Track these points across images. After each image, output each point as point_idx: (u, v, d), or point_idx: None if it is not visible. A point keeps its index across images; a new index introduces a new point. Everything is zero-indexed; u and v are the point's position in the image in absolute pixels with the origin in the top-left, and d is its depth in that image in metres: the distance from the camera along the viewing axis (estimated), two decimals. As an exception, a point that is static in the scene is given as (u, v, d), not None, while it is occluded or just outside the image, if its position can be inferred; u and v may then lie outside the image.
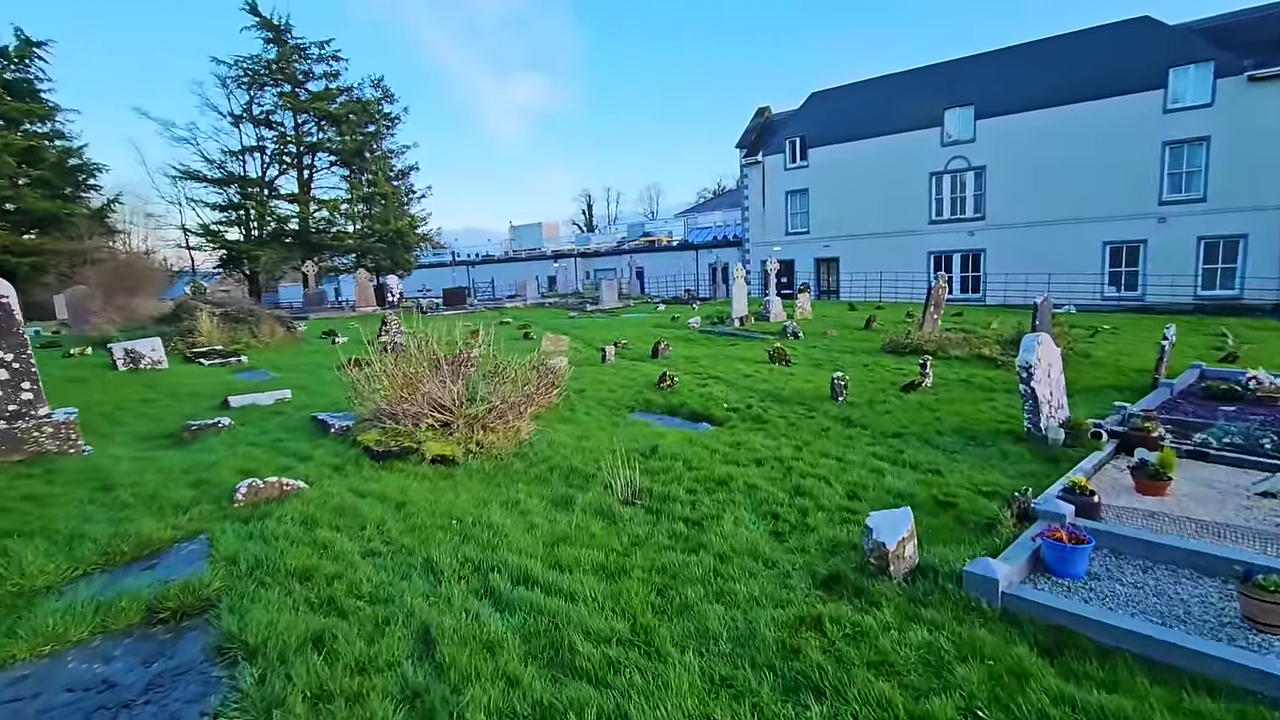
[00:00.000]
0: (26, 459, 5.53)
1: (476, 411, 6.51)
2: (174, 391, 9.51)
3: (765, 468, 5.95)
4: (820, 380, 10.93)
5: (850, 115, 35.14)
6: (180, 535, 3.99)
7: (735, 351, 15.00)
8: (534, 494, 5.21)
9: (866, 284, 33.31)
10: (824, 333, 18.12)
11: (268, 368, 12.59)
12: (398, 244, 38.84)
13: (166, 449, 6.33)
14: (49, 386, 10.24)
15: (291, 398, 8.69)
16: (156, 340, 11.80)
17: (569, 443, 6.65)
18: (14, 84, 30.49)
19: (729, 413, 8.73)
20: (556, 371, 7.15)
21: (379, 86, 39.44)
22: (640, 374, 11.64)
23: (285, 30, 36.12)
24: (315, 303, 31.22)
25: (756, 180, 39.66)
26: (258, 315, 16.40)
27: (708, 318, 21.86)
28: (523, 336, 18.34)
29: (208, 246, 39.01)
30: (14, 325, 5.49)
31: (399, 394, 6.37)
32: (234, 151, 37.14)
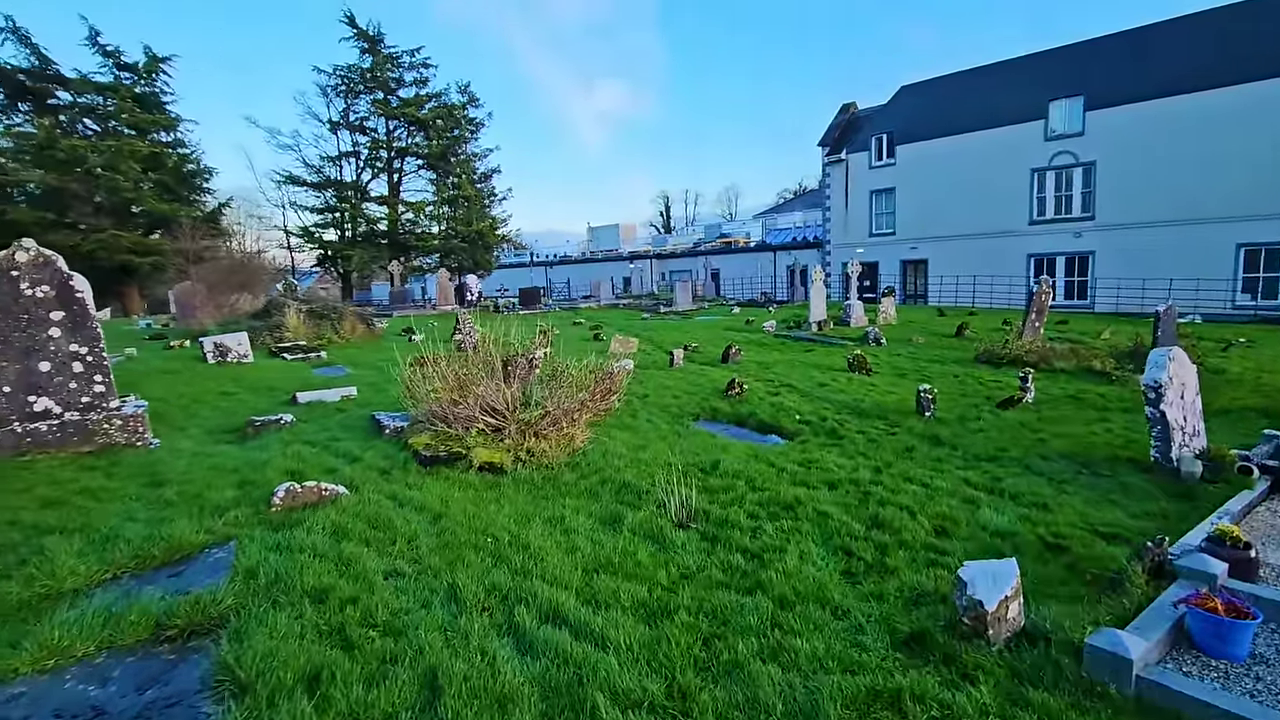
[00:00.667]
0: (96, 450, 5.65)
1: (530, 417, 6.22)
2: (252, 385, 9.78)
3: (839, 492, 5.33)
4: (904, 392, 10.06)
5: (942, 109, 33.19)
6: (211, 541, 3.84)
7: (811, 358, 14.21)
8: (581, 510, 4.82)
9: (958, 288, 31.33)
10: (909, 339, 16.97)
11: (344, 363, 12.89)
12: (478, 244, 39.83)
13: (228, 444, 6.38)
14: (145, 376, 10.85)
15: (356, 395, 8.73)
16: (243, 335, 12.29)
17: (625, 453, 6.24)
18: (143, 96, 33.21)
19: (801, 425, 8.09)
20: (614, 376, 6.77)
21: (465, 92, 40.65)
22: (708, 380, 11.12)
23: (379, 40, 37.73)
24: (400, 301, 32.37)
25: (839, 179, 38.18)
26: (340, 312, 16.97)
27: (784, 322, 21.02)
28: (594, 337, 18.15)
29: (306, 247, 41.34)
30: (88, 320, 5.62)
31: (451, 396, 6.16)
32: (331, 157, 39.17)
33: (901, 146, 34.76)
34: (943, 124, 33.13)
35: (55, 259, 5.42)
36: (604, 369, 6.79)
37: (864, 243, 37.18)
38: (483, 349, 6.99)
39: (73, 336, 5.57)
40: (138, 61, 32.57)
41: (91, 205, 29.85)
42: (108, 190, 29.31)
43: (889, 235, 36.18)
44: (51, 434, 5.48)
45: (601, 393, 6.58)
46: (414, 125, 39.21)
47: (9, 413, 5.39)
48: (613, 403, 6.88)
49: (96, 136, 31.04)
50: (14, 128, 30.24)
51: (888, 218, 36.37)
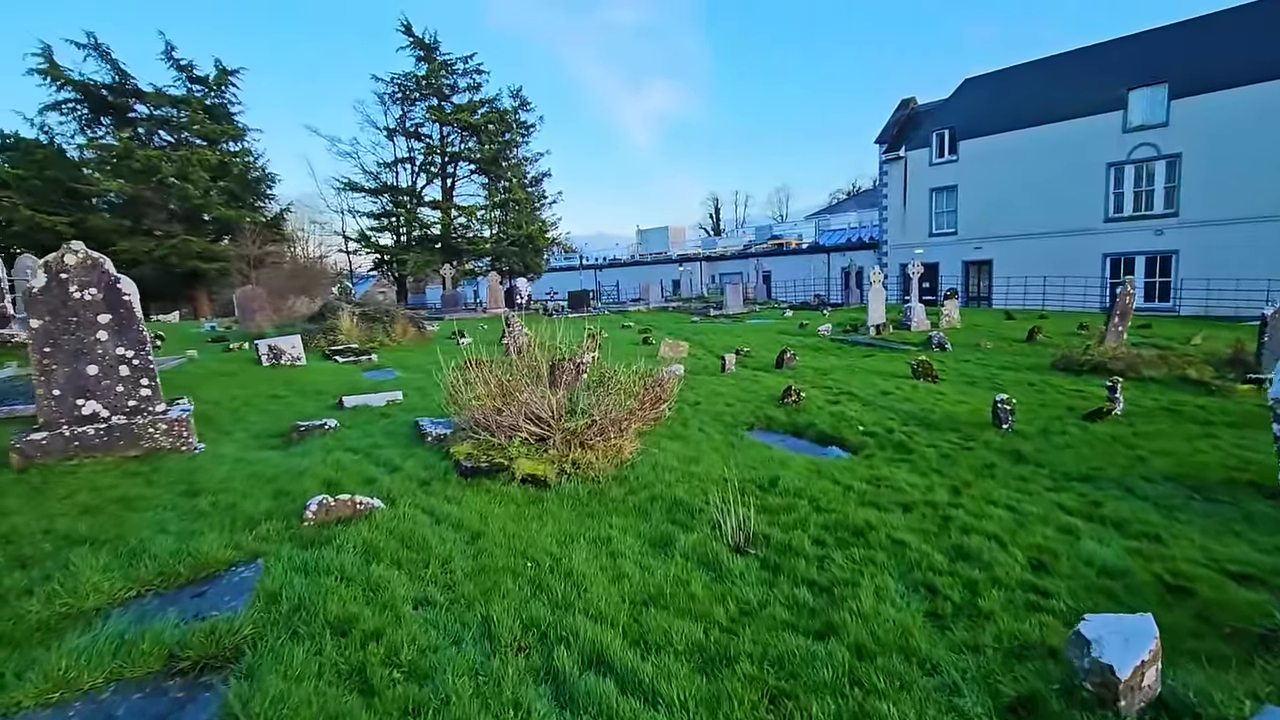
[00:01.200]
0: (141, 454, 5.59)
1: (575, 426, 5.88)
2: (302, 389, 9.80)
3: (914, 515, 4.80)
4: (976, 401, 9.35)
5: (1009, 102, 31.63)
6: (238, 558, 3.63)
7: (871, 364, 13.51)
8: (629, 530, 4.45)
9: (1026, 290, 29.75)
10: (976, 344, 16.03)
11: (394, 366, 12.90)
12: (528, 248, 40.10)
13: (271, 449, 6.27)
14: (202, 379, 11.04)
15: (402, 400, 8.59)
16: (296, 338, 12.42)
17: (676, 466, 5.85)
18: (213, 108, 34.66)
19: (865, 437, 7.53)
20: (665, 384, 6.38)
21: (517, 96, 41.03)
22: (762, 386, 10.61)
23: (434, 48, 38.44)
24: (451, 304, 32.79)
25: (897, 177, 36.89)
26: (392, 315, 17.12)
27: (840, 325, 20.24)
28: (642, 341, 17.82)
29: (363, 251, 42.48)
30: (135, 323, 5.57)
31: (493, 404, 5.88)
32: (387, 163, 40.13)
33: (965, 142, 33.30)
34: (1009, 118, 31.57)
35: (103, 261, 5.38)
36: (654, 375, 6.41)
37: (923, 243, 35.75)
38: (528, 354, 6.71)
39: (119, 339, 5.53)
40: (208, 74, 34.03)
41: (165, 212, 31.28)
42: (179, 198, 30.66)
43: (950, 235, 34.73)
44: (99, 438, 5.45)
45: (651, 401, 6.20)
46: (467, 130, 39.79)
47: (58, 416, 5.37)
48: (663, 411, 6.50)
49: (170, 147, 32.54)
50: (96, 140, 31.98)
51: (949, 216, 34.92)
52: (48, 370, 5.31)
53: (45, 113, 30.88)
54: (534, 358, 6.83)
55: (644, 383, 6.31)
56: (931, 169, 35.03)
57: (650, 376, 6.38)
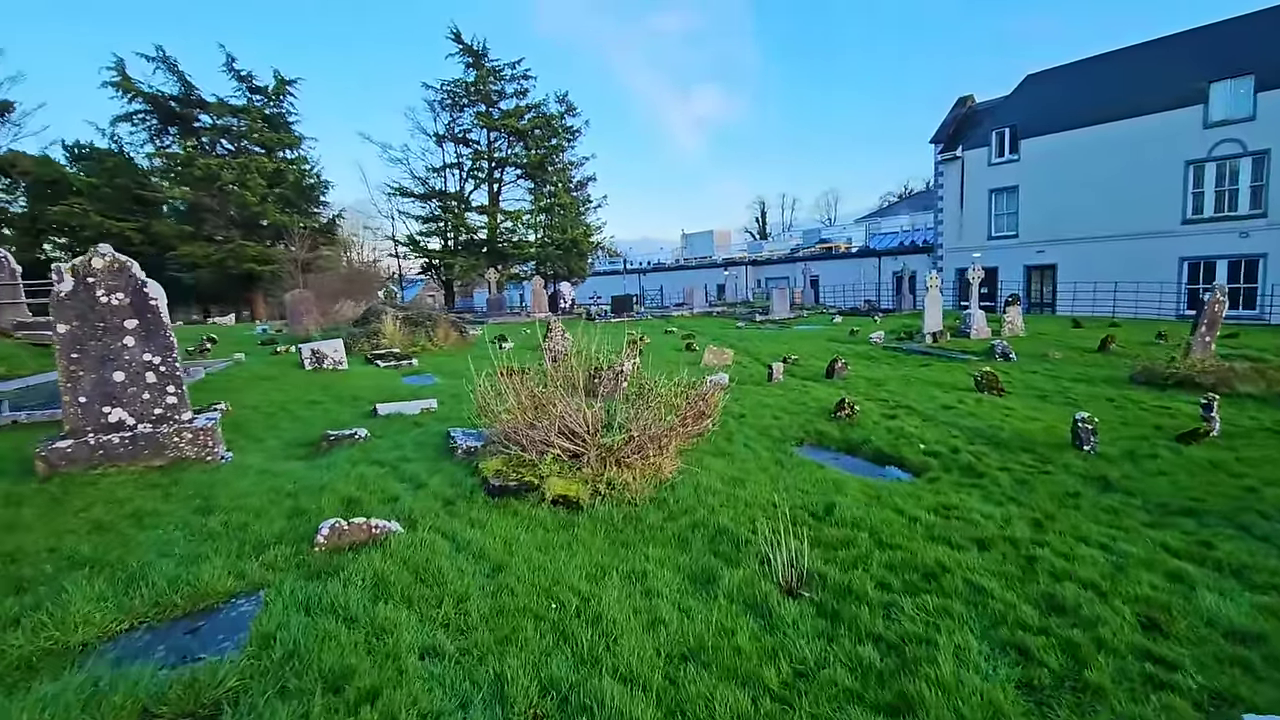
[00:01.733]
0: (166, 464, 5.43)
1: (611, 442, 5.48)
2: (340, 394, 9.69)
3: (993, 554, 4.22)
4: (1050, 418, 8.58)
5: (1075, 98, 30.02)
6: (239, 589, 3.33)
7: (929, 374, 12.73)
8: (667, 563, 4.01)
9: (1095, 296, 28.12)
10: (1043, 354, 15.01)
11: (433, 371, 12.77)
12: (573, 252, 40.10)
13: (299, 459, 6.05)
14: (245, 382, 11.08)
15: (436, 408, 8.35)
16: (339, 342, 12.41)
17: (720, 488, 5.37)
18: (271, 117, 35.76)
19: (927, 457, 6.91)
20: (708, 397, 5.92)
21: (563, 101, 41.13)
22: (812, 398, 10.02)
23: (483, 54, 38.85)
24: (497, 308, 32.95)
25: (954, 178, 35.49)
26: (434, 319, 17.10)
27: (893, 332, 19.36)
28: (685, 347, 17.35)
29: (412, 255, 43.22)
30: (162, 328, 5.42)
31: (525, 417, 5.53)
32: (436, 169, 40.75)
33: (1027, 141, 31.75)
34: (1075, 114, 29.94)
35: (130, 265, 5.24)
36: (697, 388, 5.95)
37: (981, 246, 34.27)
38: (564, 363, 6.35)
39: (146, 345, 5.38)
40: (267, 84, 35.14)
41: (223, 218, 32.35)
42: (237, 204, 31.65)
43: (1010, 238, 33.18)
44: (123, 446, 5.30)
45: (694, 416, 5.74)
46: (514, 135, 40.07)
47: (84, 424, 5.24)
48: (706, 426, 6.04)
49: (230, 155, 33.68)
50: (164, 149, 33.33)
51: (1009, 219, 33.36)
52: (74, 377, 5.19)
53: (117, 123, 32.37)
54: (570, 367, 6.46)
55: (686, 396, 5.85)
56: (990, 169, 33.55)
57: (693, 389, 5.93)
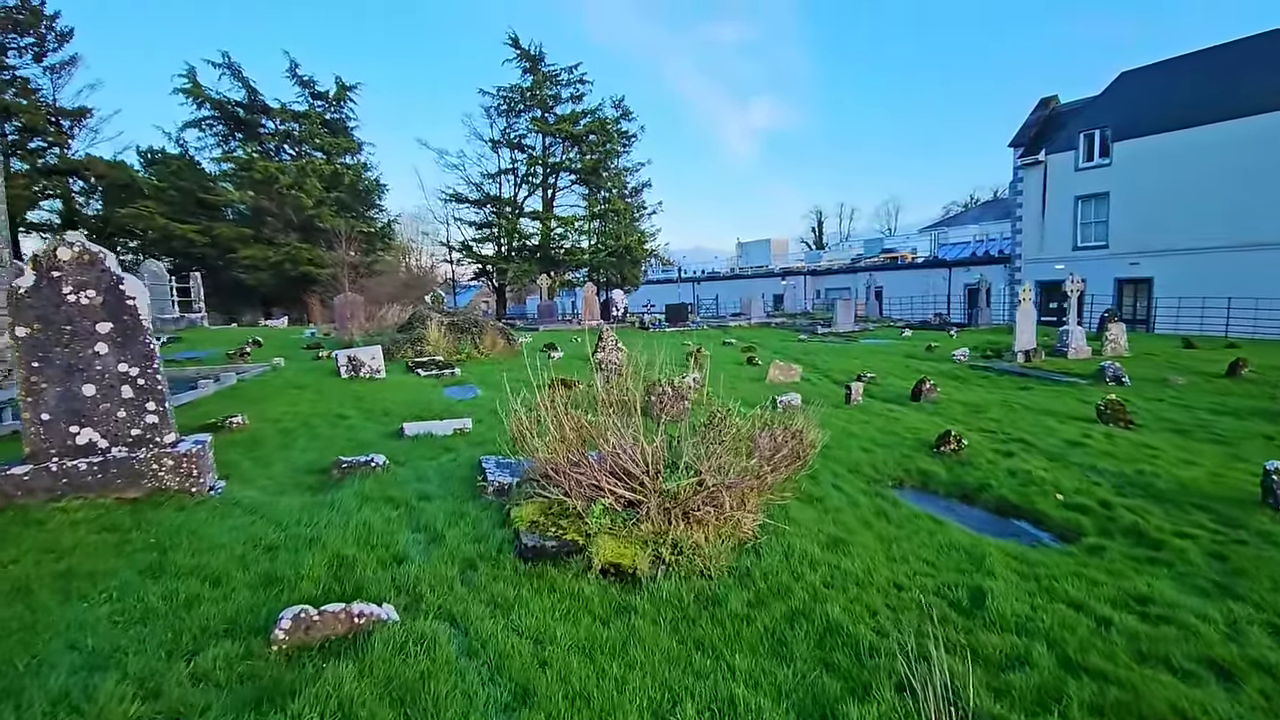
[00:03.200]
0: (142, 496, 4.52)
1: (676, 488, 4.29)
2: (370, 407, 8.80)
3: (1247, 693, 2.83)
4: (1209, 462, 6.96)
5: (1176, 97, 27.40)
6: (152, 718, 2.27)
7: (1032, 399, 11.07)
8: (763, 683, 2.80)
9: (1204, 313, 25.38)
10: (1162, 379, 13.08)
11: (476, 382, 11.84)
12: (626, 259, 39.20)
13: (300, 494, 5.07)
14: (275, 391, 10.32)
15: (471, 429, 7.32)
16: (377, 349, 11.63)
17: (818, 555, 4.11)
18: (331, 122, 36.17)
19: (1072, 513, 5.45)
20: (802, 437, 4.65)
21: (619, 106, 40.36)
22: (902, 425, 8.61)
23: (540, 59, 38.47)
24: (548, 315, 32.25)
25: (1035, 184, 33.10)
26: (481, 326, 16.27)
27: (976, 349, 17.55)
28: (746, 361, 16.02)
29: (466, 260, 43.13)
30: (141, 334, 4.52)
31: (566, 454, 4.39)
32: (491, 174, 40.51)
33: (1120, 143, 29.20)
34: (1177, 115, 27.31)
35: (103, 256, 4.36)
36: (788, 426, 4.69)
37: (1065, 257, 31.82)
38: (618, 383, 5.21)
39: (122, 353, 4.49)
40: (328, 90, 35.54)
41: (282, 221, 32.71)
42: (294, 207, 31.93)
43: (1099, 249, 30.59)
44: (92, 474, 4.42)
45: (787, 461, 4.49)
46: (569, 140, 39.51)
47: (47, 446, 4.38)
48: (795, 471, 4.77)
49: (291, 159, 34.14)
50: (230, 154, 34.03)
51: (1098, 228, 30.78)
52: (36, 390, 4.33)
53: (186, 129, 33.18)
54: (625, 389, 5.31)
55: (776, 435, 4.60)
56: (1078, 174, 31.06)
57: (786, 429, 4.66)
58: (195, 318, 21.21)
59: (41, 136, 30.33)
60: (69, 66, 31.24)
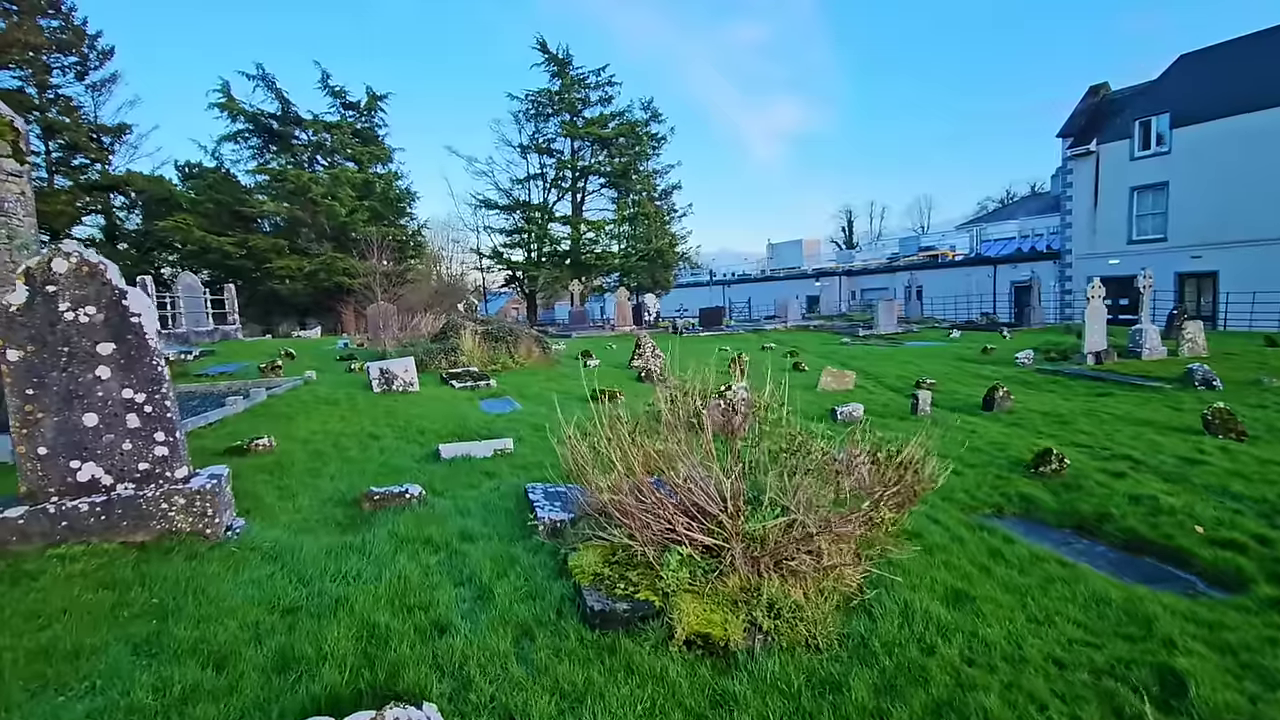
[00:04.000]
0: (152, 539, 3.98)
1: (763, 528, 3.59)
2: (404, 425, 8.26)
3: None
4: (1366, 485, 5.98)
5: (1242, 79, 25.78)
6: None
7: (1116, 406, 10.10)
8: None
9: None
10: (1255, 381, 11.94)
11: (514, 394, 11.28)
12: (657, 263, 38.57)
13: (327, 532, 4.50)
14: (305, 407, 9.81)
15: (513, 450, 6.71)
16: (409, 361, 11.13)
17: (942, 615, 3.37)
18: (362, 131, 36.25)
19: (1224, 551, 4.59)
20: (911, 464, 3.89)
21: (648, 108, 39.83)
22: (985, 440, 7.77)
23: (567, 62, 38.13)
24: (579, 321, 31.75)
25: (1085, 176, 31.60)
26: (516, 335, 15.74)
27: (1040, 350, 16.45)
28: (792, 367, 15.21)
29: (496, 267, 42.96)
30: (147, 354, 3.99)
31: (634, 489, 3.72)
32: (520, 180, 40.28)
33: (1180, 130, 27.63)
34: (1243, 98, 25.69)
35: (104, 268, 3.83)
36: (895, 454, 3.94)
37: (1119, 251, 30.30)
38: (682, 403, 4.53)
39: (126, 378, 3.96)
40: (359, 100, 35.63)
41: (315, 231, 32.80)
42: (328, 216, 31.96)
43: (1157, 242, 29.00)
44: (94, 515, 3.89)
45: (895, 498, 3.74)
46: (598, 144, 39.07)
47: (45, 484, 3.86)
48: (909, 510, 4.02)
49: (324, 169, 34.25)
50: (264, 165, 34.26)
51: (1155, 220, 29.19)
52: (31, 420, 3.81)
53: (222, 143, 33.50)
54: (690, 407, 4.63)
55: (877, 462, 3.86)
56: (1133, 164, 29.51)
57: (890, 457, 3.92)
58: (230, 329, 21.14)
59: (83, 153, 30.85)
60: (109, 84, 31.85)
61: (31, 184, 10.92)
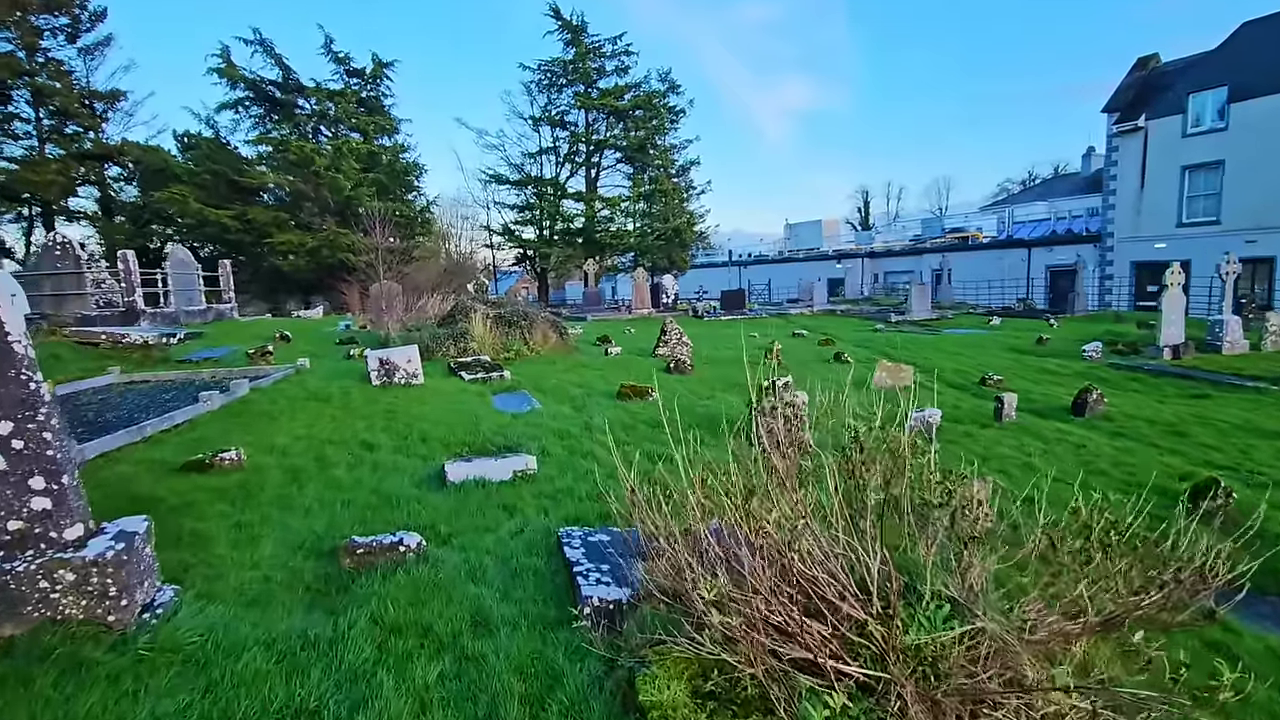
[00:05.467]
0: (25, 632, 2.73)
1: (934, 645, 2.29)
2: (406, 429, 6.99)
3: None
4: None
5: (1315, 49, 23.84)
6: None
7: (1223, 411, 8.73)
8: None
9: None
10: (1371, 383, 10.49)
11: (530, 387, 9.98)
12: (675, 242, 37.02)
13: (288, 610, 3.24)
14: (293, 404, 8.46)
15: (537, 470, 5.42)
16: (413, 350, 9.84)
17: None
18: (369, 101, 34.70)
19: None
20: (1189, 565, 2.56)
21: (665, 79, 38.01)
22: (1100, 457, 6.45)
23: (582, 29, 36.31)
24: (593, 302, 30.40)
25: (1132, 154, 29.78)
26: (530, 319, 14.42)
27: (1106, 342, 14.97)
28: (834, 357, 13.84)
29: (506, 245, 41.53)
30: (14, 362, 2.71)
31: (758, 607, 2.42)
32: (532, 153, 38.67)
33: (1239, 104, 25.78)
34: (1312, 70, 23.80)
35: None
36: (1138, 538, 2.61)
37: (1166, 235, 28.58)
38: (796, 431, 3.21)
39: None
40: (364, 67, 34.01)
41: (319, 205, 31.44)
42: (331, 189, 30.57)
43: (1208, 225, 27.29)
44: (-60, 602, 2.63)
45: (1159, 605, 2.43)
46: (613, 116, 37.35)
47: None
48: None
49: (327, 140, 32.80)
50: (266, 135, 32.79)
51: (1207, 201, 27.43)
52: None
53: (220, 111, 32.06)
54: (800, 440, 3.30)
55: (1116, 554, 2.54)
56: (1185, 141, 27.68)
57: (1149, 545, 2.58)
58: (224, 309, 19.91)
59: (75, 120, 29.50)
60: (102, 48, 30.38)
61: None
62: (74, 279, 13.47)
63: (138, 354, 11.89)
